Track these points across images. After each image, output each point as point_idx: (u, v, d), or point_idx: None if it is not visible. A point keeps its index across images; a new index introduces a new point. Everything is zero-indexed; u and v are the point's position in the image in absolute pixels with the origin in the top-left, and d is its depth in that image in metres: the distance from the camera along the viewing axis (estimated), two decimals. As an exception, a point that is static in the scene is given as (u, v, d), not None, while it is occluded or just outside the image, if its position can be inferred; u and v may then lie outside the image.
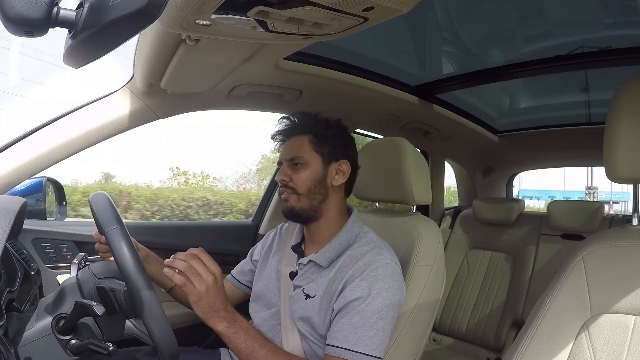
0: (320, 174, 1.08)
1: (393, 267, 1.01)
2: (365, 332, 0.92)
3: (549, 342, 0.76)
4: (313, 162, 1.08)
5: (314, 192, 1.07)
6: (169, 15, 0.76)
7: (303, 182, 1.07)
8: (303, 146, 1.09)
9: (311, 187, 1.07)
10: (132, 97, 1.33)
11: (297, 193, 1.07)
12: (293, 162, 1.08)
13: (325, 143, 1.09)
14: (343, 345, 0.92)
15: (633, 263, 0.75)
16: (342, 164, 1.10)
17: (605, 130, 0.81)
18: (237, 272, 1.31)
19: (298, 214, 1.08)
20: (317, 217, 1.08)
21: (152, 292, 0.84)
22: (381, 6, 0.74)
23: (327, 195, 1.09)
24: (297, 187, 1.07)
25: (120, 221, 0.91)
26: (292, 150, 1.10)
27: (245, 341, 0.92)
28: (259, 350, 0.92)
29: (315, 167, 1.08)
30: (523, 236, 2.23)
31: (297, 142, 1.10)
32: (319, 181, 1.07)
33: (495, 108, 2.31)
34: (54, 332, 0.88)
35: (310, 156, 1.08)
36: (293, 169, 1.08)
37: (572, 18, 1.41)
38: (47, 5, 0.47)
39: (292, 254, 1.13)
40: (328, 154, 1.09)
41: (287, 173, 1.08)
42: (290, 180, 1.07)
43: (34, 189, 1.48)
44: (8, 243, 0.94)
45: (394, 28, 1.46)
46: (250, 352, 0.92)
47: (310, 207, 1.07)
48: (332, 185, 1.09)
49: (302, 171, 1.07)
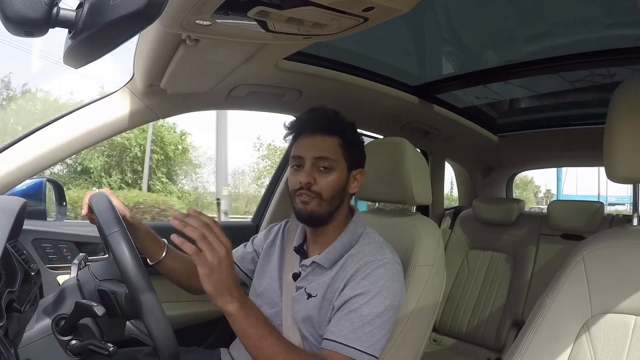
0: (344, 180, 1.04)
1: (395, 267, 1.01)
2: (361, 329, 0.92)
3: (550, 342, 0.76)
4: (339, 167, 1.03)
5: (335, 199, 1.03)
6: (169, 15, 0.76)
7: (329, 187, 1.01)
8: (333, 148, 1.02)
9: (335, 193, 1.02)
10: (132, 97, 1.33)
11: (320, 198, 1.01)
12: (319, 163, 1.02)
13: (352, 149, 1.06)
14: (338, 339, 0.91)
15: (633, 263, 0.75)
16: (359, 173, 1.08)
17: (605, 130, 0.81)
18: (237, 257, 1.25)
19: (317, 218, 1.03)
20: (329, 221, 1.06)
21: (153, 295, 0.85)
22: (381, 6, 0.74)
23: (343, 201, 1.07)
24: (322, 191, 1.01)
25: (121, 223, 0.91)
26: (321, 150, 1.02)
27: (256, 326, 0.85)
28: (268, 336, 0.86)
29: (341, 173, 1.03)
30: (523, 236, 2.23)
31: (326, 142, 1.03)
32: (342, 188, 1.04)
33: (495, 108, 2.31)
34: (54, 332, 0.88)
35: (339, 160, 1.03)
36: (319, 170, 1.02)
37: (572, 18, 1.41)
38: (47, 6, 0.47)
39: (295, 255, 1.13)
40: (352, 161, 1.06)
41: (312, 174, 1.01)
42: (315, 183, 1.01)
43: (34, 189, 1.48)
44: (8, 243, 0.94)
45: (394, 28, 1.46)
46: (259, 339, 0.85)
47: (329, 212, 1.04)
48: (348, 192, 1.07)
49: (330, 175, 1.02)
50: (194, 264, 1.23)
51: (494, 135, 2.46)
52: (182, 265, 1.21)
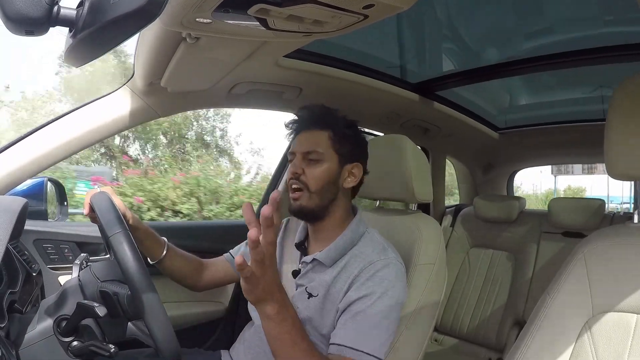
0: (334, 173, 1.05)
1: (398, 267, 1.00)
2: (368, 332, 0.91)
3: (551, 341, 0.75)
4: (329, 160, 1.05)
5: (325, 191, 1.04)
6: (170, 13, 0.76)
7: (316, 179, 1.03)
8: (322, 141, 1.05)
9: (324, 185, 1.04)
10: (132, 96, 1.33)
11: (308, 190, 1.04)
12: (308, 157, 1.05)
13: (345, 142, 1.07)
14: (347, 343, 0.90)
15: (634, 261, 0.75)
16: (355, 167, 1.09)
17: (605, 128, 0.80)
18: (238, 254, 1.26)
19: (307, 212, 1.05)
20: (324, 216, 1.07)
21: (156, 295, 0.85)
22: (381, 3, 0.74)
23: (337, 195, 1.07)
24: (309, 182, 1.03)
25: (123, 224, 0.91)
26: (309, 144, 1.05)
27: (291, 331, 0.80)
28: (300, 343, 0.81)
29: (331, 166, 1.05)
30: (524, 234, 2.23)
31: (315, 136, 1.06)
32: (332, 181, 1.05)
33: (495, 105, 2.31)
34: (56, 333, 0.88)
35: (328, 153, 1.05)
36: (307, 163, 1.05)
37: (572, 15, 1.41)
38: (48, 4, 0.47)
39: (295, 252, 1.12)
40: (344, 155, 1.07)
41: (301, 166, 1.05)
42: (302, 173, 1.04)
43: (35, 189, 1.47)
44: (9, 244, 0.93)
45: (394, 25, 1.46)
46: (293, 344, 0.80)
47: (320, 206, 1.05)
48: (342, 186, 1.07)
49: (317, 167, 1.04)
50: (194, 262, 1.24)
51: (495, 132, 2.46)
52: (183, 263, 1.21)
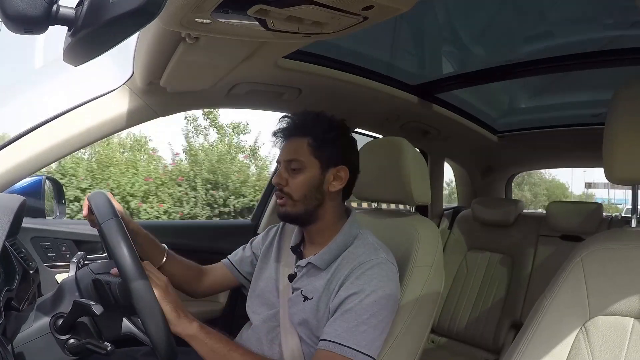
0: (317, 179, 1.06)
1: (389, 266, 1.01)
2: (356, 328, 0.92)
3: (548, 344, 0.76)
4: (310, 167, 1.05)
5: (309, 198, 1.05)
6: (169, 13, 0.76)
7: (299, 188, 1.05)
8: (301, 149, 1.06)
9: (307, 192, 1.05)
10: (131, 96, 1.33)
11: (292, 199, 1.05)
12: (291, 165, 1.06)
13: (325, 147, 1.06)
14: (333, 339, 0.91)
15: (632, 265, 0.75)
16: (340, 170, 1.08)
17: (605, 131, 0.81)
18: (236, 259, 1.27)
19: (294, 218, 1.08)
20: (313, 220, 1.08)
21: (146, 282, 0.85)
22: (381, 5, 0.74)
23: (324, 200, 1.07)
24: (292, 192, 1.05)
25: (117, 215, 0.91)
26: (290, 153, 1.07)
27: (221, 340, 0.92)
28: (237, 348, 0.94)
29: (313, 172, 1.05)
30: (522, 237, 2.23)
31: (295, 144, 1.07)
32: (315, 187, 1.05)
33: (494, 108, 2.31)
34: (52, 331, 0.88)
35: (308, 160, 1.05)
36: (290, 172, 1.06)
37: (572, 18, 1.41)
38: (47, 3, 0.47)
39: (291, 255, 1.13)
40: (327, 159, 1.06)
41: (284, 176, 1.06)
42: (286, 184, 1.06)
43: (33, 187, 1.47)
44: (7, 241, 0.93)
45: (394, 27, 1.46)
46: (229, 351, 0.92)
47: (306, 212, 1.06)
48: (328, 190, 1.07)
49: (299, 176, 1.05)
50: (194, 268, 1.25)
51: (494, 135, 2.46)
52: (183, 270, 1.21)
